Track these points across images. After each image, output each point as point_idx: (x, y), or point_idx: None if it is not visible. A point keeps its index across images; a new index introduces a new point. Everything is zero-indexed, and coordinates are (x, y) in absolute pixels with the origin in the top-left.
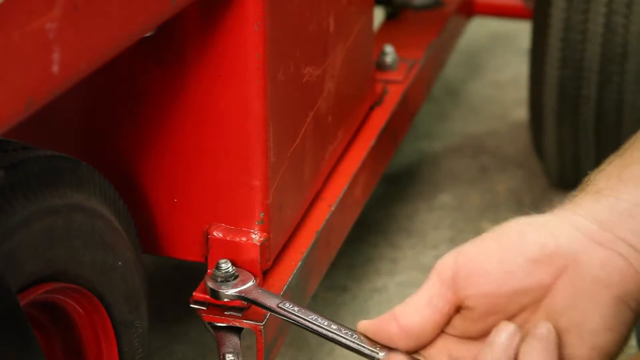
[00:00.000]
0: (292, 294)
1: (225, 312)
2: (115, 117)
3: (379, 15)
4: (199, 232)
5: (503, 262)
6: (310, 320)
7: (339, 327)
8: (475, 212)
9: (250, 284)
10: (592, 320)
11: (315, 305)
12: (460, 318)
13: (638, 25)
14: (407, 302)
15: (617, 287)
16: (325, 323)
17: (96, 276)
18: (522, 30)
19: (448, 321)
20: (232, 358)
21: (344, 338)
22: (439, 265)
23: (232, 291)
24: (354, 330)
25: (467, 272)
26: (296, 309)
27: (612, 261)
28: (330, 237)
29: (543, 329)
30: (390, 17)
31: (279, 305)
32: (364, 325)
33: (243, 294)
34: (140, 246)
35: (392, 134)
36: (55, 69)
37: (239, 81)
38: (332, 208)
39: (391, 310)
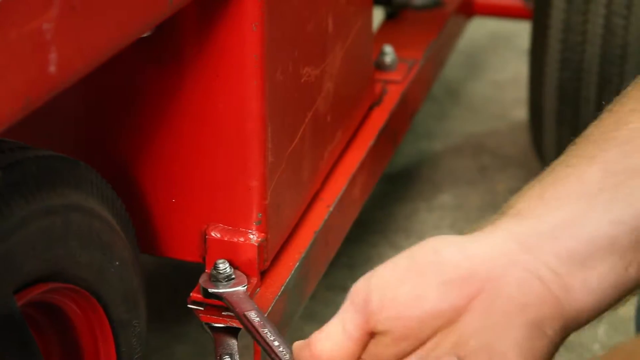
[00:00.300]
0: (290, 295)
1: (223, 313)
2: (113, 117)
3: (378, 15)
4: (197, 232)
5: (415, 285)
6: (263, 336)
7: (284, 348)
8: (475, 212)
9: (238, 288)
10: (502, 343)
11: (315, 305)
12: (374, 344)
13: (637, 27)
14: (322, 329)
15: (533, 311)
16: (276, 343)
17: (94, 276)
18: (522, 30)
19: (363, 348)
20: (230, 359)
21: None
22: (353, 290)
23: (214, 290)
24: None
25: (379, 296)
26: (257, 321)
27: (529, 284)
28: (328, 238)
29: None
30: (389, 17)
31: (244, 313)
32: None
33: (221, 295)
34: (138, 246)
35: (391, 134)
36: (52, 69)
37: (237, 81)
38: (331, 208)
39: (310, 336)
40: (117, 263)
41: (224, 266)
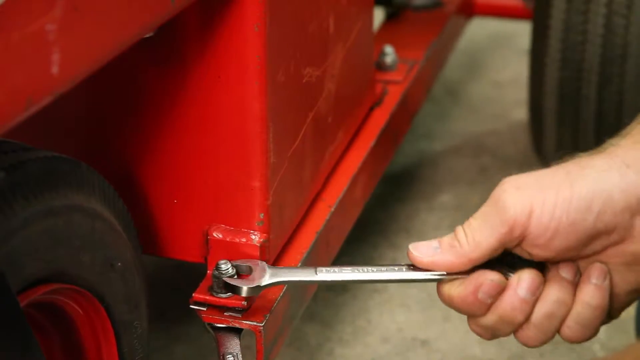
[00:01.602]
0: (292, 294)
1: (225, 313)
2: (115, 118)
3: (379, 15)
4: (199, 233)
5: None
6: (352, 274)
7: (386, 267)
8: (475, 212)
9: (268, 269)
10: None
11: (315, 305)
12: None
13: (638, 26)
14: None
15: None
16: (367, 269)
17: (96, 277)
18: (522, 30)
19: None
20: (232, 359)
21: (398, 273)
22: (511, 215)
23: (254, 284)
24: (396, 264)
25: (538, 234)
26: (333, 269)
27: None
28: (330, 238)
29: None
30: (390, 18)
31: (317, 271)
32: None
33: (277, 279)
34: (140, 246)
35: (392, 135)
36: (55, 69)
37: (239, 82)
38: (332, 208)
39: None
40: (119, 264)
41: (226, 267)
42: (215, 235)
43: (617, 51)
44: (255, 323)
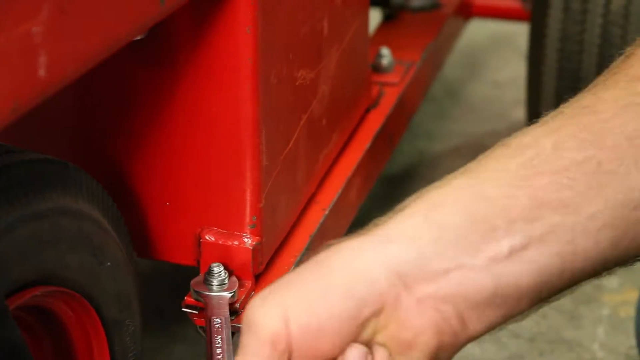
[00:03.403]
0: None
1: None
2: (106, 120)
3: (376, 17)
4: (191, 235)
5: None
6: (212, 341)
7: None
8: None
9: (223, 293)
10: None
11: None
12: None
13: (635, 36)
14: None
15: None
16: (218, 351)
17: (84, 278)
18: (521, 31)
19: None
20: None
21: None
22: (270, 333)
23: (199, 290)
24: None
25: (303, 337)
26: (216, 327)
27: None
28: (324, 241)
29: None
30: (387, 19)
31: (211, 318)
32: None
33: (204, 297)
34: (131, 243)
35: (387, 137)
36: (41, 72)
37: (231, 85)
38: (326, 212)
39: None
40: (108, 264)
41: (218, 270)
42: (207, 238)
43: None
44: None
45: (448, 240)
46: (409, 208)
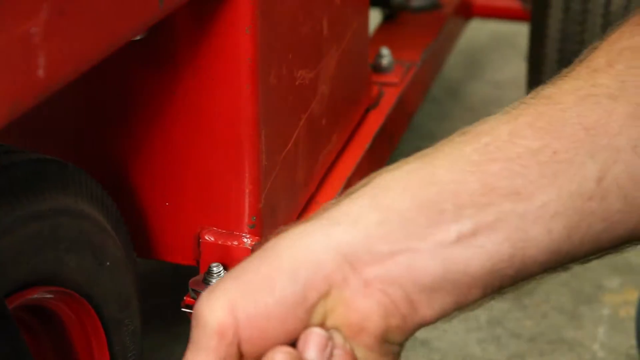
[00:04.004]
0: None
1: None
2: (106, 120)
3: (376, 17)
4: (191, 235)
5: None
6: None
7: None
8: None
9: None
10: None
11: None
12: None
13: None
14: None
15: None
16: None
17: (84, 278)
18: (521, 30)
19: None
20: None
21: None
22: (216, 325)
23: (196, 289)
24: None
25: (251, 327)
26: None
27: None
28: None
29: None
30: (387, 19)
31: None
32: None
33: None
34: (130, 243)
35: (387, 137)
36: (40, 73)
37: (231, 85)
38: None
39: None
40: (108, 263)
41: (218, 270)
42: (207, 238)
43: None
44: None
45: (395, 222)
46: (357, 192)
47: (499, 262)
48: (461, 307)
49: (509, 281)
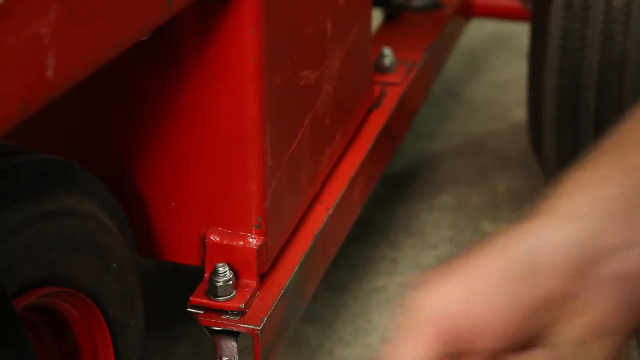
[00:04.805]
0: (289, 298)
1: (222, 316)
2: (112, 121)
3: (377, 17)
4: (196, 235)
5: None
6: None
7: None
8: (475, 212)
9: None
10: None
11: (315, 305)
12: None
13: (637, 33)
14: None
15: None
16: None
17: (90, 279)
18: (521, 30)
19: None
20: None
21: None
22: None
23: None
24: None
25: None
26: None
27: None
28: (327, 241)
29: None
30: (388, 19)
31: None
32: None
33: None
34: (135, 245)
35: (390, 136)
36: (50, 73)
37: (236, 85)
38: (330, 211)
39: None
40: (114, 265)
41: (223, 270)
42: (212, 238)
43: (616, 58)
44: (252, 326)
45: (621, 215)
46: (570, 188)
47: None
48: None
49: None
